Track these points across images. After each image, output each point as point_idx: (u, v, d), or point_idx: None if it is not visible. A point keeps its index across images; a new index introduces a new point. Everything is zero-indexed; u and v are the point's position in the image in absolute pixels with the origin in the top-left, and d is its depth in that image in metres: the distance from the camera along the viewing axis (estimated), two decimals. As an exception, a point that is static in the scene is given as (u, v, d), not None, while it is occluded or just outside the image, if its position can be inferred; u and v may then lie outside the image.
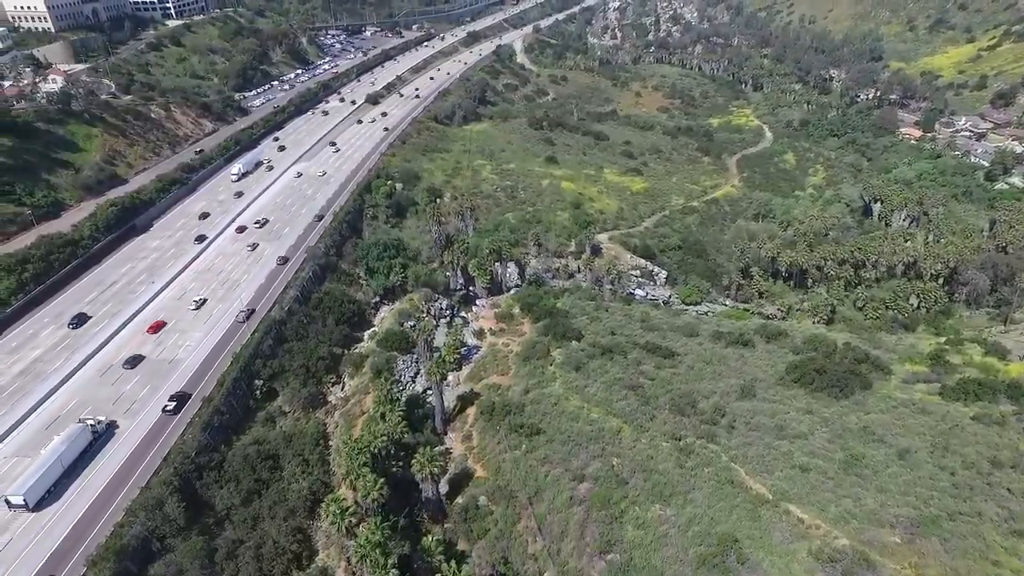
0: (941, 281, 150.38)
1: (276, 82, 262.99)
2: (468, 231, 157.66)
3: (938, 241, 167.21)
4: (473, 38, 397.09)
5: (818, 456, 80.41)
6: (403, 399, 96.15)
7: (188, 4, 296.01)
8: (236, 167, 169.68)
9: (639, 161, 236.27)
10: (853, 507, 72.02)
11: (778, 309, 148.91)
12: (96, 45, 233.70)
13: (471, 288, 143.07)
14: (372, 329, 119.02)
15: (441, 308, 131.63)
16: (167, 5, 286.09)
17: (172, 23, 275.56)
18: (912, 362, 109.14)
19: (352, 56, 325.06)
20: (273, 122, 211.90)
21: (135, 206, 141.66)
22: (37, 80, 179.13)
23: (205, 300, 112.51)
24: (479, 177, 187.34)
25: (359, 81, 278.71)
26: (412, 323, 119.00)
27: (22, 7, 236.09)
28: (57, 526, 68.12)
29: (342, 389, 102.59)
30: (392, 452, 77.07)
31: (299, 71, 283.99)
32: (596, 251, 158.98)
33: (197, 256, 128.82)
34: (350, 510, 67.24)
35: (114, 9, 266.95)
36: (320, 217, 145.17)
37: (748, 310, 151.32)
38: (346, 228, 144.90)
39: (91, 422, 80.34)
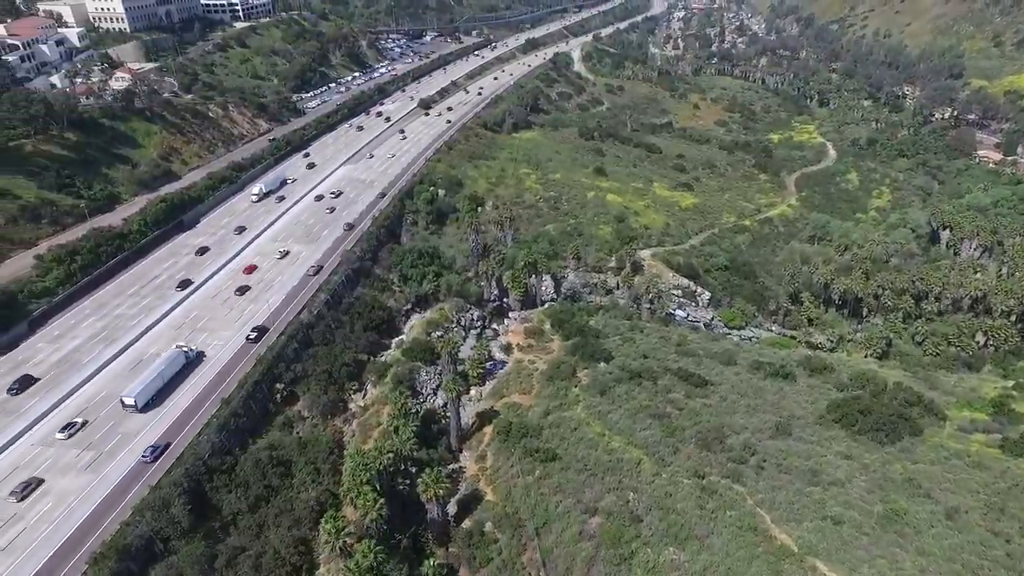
0: (1013, 319, 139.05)
1: (333, 84, 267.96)
2: (507, 241, 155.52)
3: (1012, 275, 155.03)
4: (531, 45, 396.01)
5: (854, 507, 74.16)
6: (421, 412, 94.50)
7: (256, 7, 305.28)
8: (257, 187, 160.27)
9: (691, 176, 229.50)
10: (888, 570, 65.80)
11: (827, 339, 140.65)
12: (167, 45, 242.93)
13: (505, 300, 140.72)
14: (400, 337, 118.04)
15: (472, 319, 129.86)
16: (236, 8, 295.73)
17: (239, 25, 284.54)
18: (971, 408, 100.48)
19: (410, 60, 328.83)
20: (325, 123, 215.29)
21: (184, 203, 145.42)
22: (107, 78, 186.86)
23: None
24: (523, 186, 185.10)
25: (414, 85, 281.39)
26: (440, 333, 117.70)
27: (102, 8, 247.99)
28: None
29: (363, 397, 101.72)
30: (400, 469, 75.24)
31: (357, 74, 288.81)
32: (637, 268, 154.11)
33: (236, 255, 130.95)
34: (346, 529, 65.67)
35: (186, 11, 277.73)
36: (352, 226, 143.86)
37: (795, 338, 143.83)
38: (384, 233, 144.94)
39: (185, 349, 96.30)
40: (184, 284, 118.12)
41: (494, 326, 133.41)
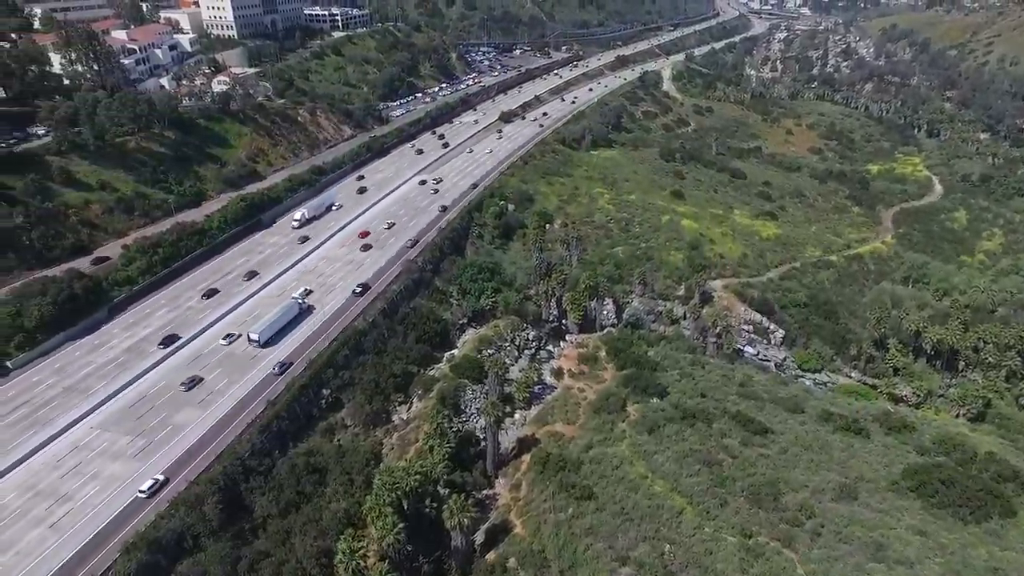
0: None
1: (420, 94, 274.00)
2: (572, 261, 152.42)
3: None
4: (620, 62, 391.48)
5: (922, 594, 66.14)
6: (460, 432, 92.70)
7: (354, 18, 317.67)
8: (296, 213, 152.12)
9: (776, 204, 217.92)
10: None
11: (913, 393, 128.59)
12: (268, 52, 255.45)
13: (563, 322, 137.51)
14: (452, 352, 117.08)
15: (527, 339, 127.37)
16: (336, 18, 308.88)
17: (337, 34, 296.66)
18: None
19: (496, 73, 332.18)
20: (406, 132, 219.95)
21: (263, 203, 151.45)
22: (209, 81, 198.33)
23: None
24: (595, 205, 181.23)
25: (497, 98, 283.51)
26: (491, 352, 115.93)
27: (214, 17, 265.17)
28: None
29: (408, 410, 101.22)
30: (429, 491, 73.55)
31: (443, 85, 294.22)
32: (707, 299, 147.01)
33: (304, 256, 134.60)
34: (361, 550, 64.45)
35: (290, 20, 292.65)
36: (416, 240, 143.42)
37: (875, 388, 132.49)
38: (449, 245, 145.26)
39: (299, 300, 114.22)
40: (250, 275, 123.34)
41: (549, 347, 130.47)
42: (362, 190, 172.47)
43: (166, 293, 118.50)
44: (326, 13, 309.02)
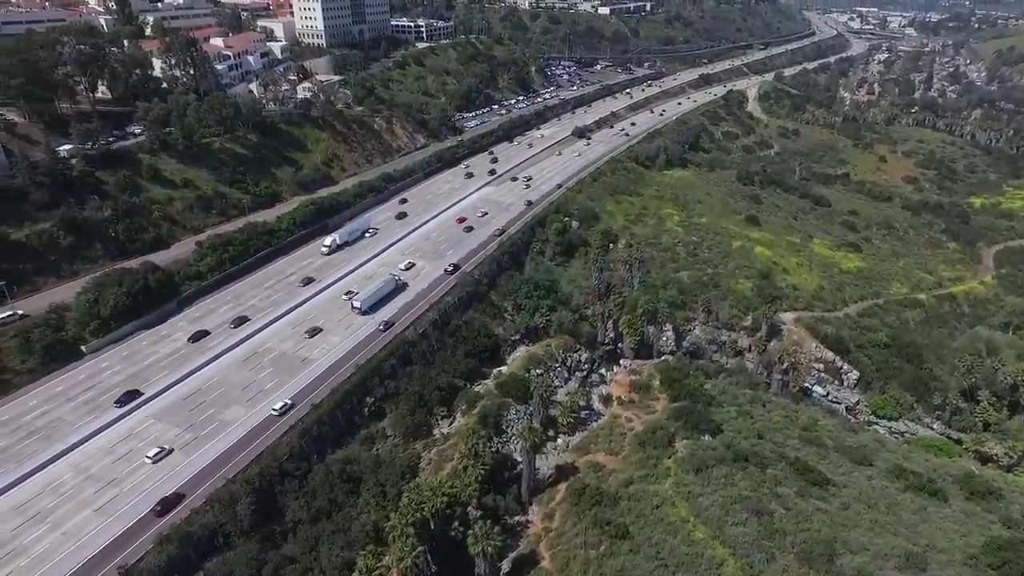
0: None
1: (496, 106, 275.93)
2: (633, 283, 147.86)
3: None
4: (704, 80, 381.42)
5: None
6: (497, 452, 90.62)
7: (438, 29, 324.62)
8: (327, 239, 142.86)
9: (861, 235, 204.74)
10: None
11: (1005, 453, 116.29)
12: (354, 60, 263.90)
13: (619, 346, 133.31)
14: (501, 368, 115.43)
15: (579, 361, 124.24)
16: (420, 30, 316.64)
17: (421, 45, 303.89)
18: None
19: (575, 88, 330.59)
20: (479, 144, 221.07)
21: (331, 207, 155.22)
22: (294, 87, 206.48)
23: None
24: (662, 227, 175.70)
25: (574, 113, 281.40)
26: (540, 371, 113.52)
27: (306, 26, 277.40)
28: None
29: (450, 425, 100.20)
30: (456, 513, 71.80)
31: (520, 97, 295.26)
32: (775, 332, 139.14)
33: (367, 261, 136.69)
34: (377, 570, 63.32)
35: (377, 31, 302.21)
36: (474, 252, 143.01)
37: (960, 443, 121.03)
38: (508, 259, 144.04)
39: (396, 276, 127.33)
40: (306, 281, 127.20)
41: (602, 371, 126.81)
42: (367, 232, 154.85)
43: (232, 290, 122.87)
44: (412, 24, 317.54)
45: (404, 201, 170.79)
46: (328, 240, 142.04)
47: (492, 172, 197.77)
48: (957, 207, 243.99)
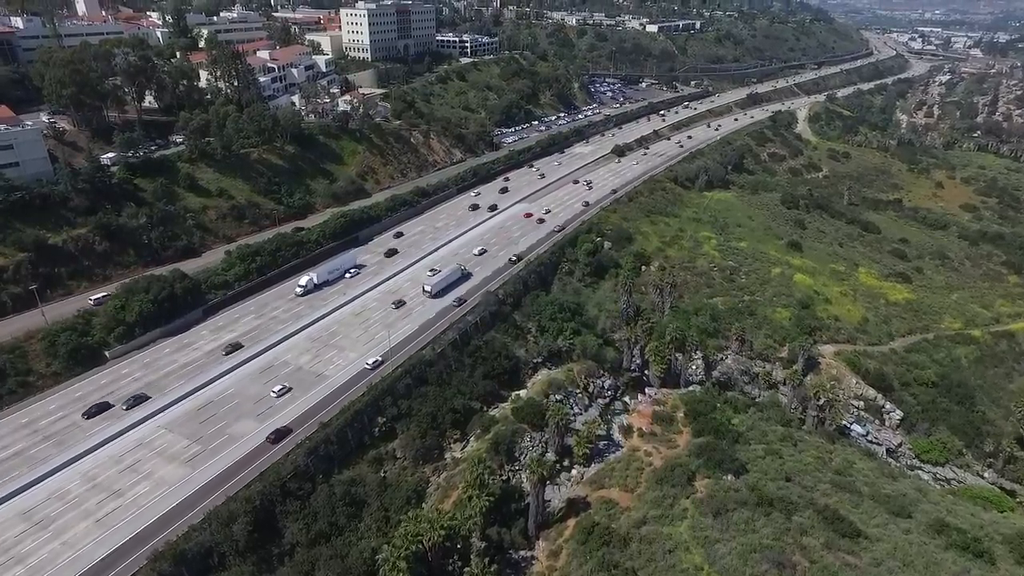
0: None
1: (536, 122, 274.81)
2: (664, 308, 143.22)
3: None
4: (752, 100, 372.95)
5: None
6: (507, 481, 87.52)
7: (482, 45, 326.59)
8: (303, 279, 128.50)
9: (912, 265, 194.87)
10: None
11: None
12: (397, 74, 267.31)
13: (645, 373, 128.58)
14: (519, 392, 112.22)
15: (602, 387, 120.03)
16: (465, 45, 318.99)
17: (464, 60, 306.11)
18: None
19: (618, 105, 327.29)
20: (515, 160, 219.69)
21: (362, 220, 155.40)
22: (335, 99, 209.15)
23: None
24: (699, 250, 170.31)
25: (614, 130, 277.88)
26: (559, 397, 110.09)
27: (353, 40, 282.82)
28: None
29: (462, 449, 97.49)
30: (456, 547, 68.93)
31: (561, 114, 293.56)
32: (812, 365, 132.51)
33: (391, 277, 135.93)
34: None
35: (422, 46, 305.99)
36: (499, 272, 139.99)
37: (1014, 495, 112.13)
38: (535, 279, 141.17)
39: (463, 266, 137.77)
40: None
41: (625, 399, 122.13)
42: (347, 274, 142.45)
43: (256, 300, 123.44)
44: (456, 40, 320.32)
45: (393, 252, 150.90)
46: (304, 279, 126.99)
47: (508, 192, 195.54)
48: (1020, 238, 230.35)
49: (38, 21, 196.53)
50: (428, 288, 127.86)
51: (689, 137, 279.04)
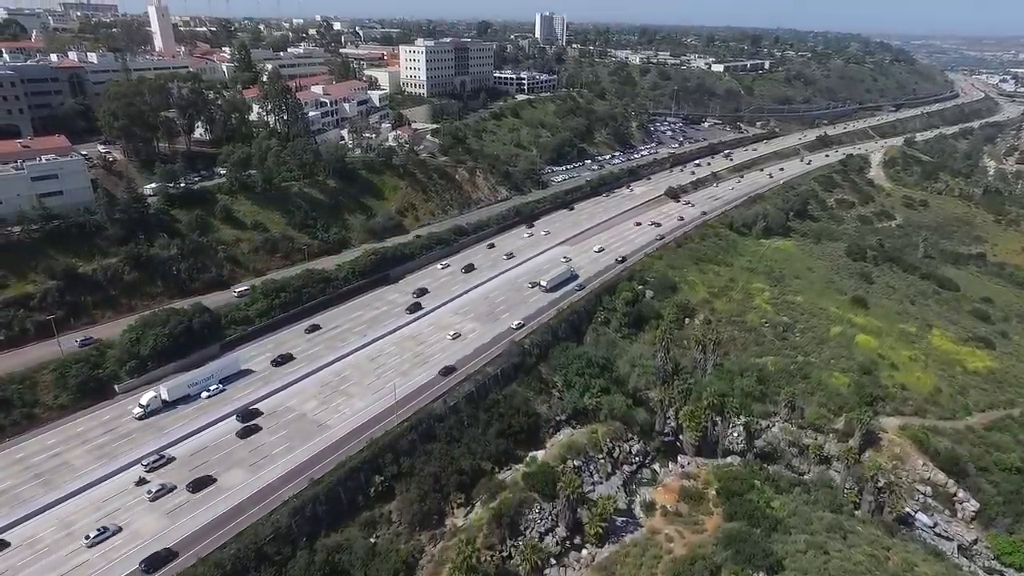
0: None
1: (589, 160, 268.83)
2: (706, 366, 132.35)
3: None
4: (822, 142, 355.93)
5: None
6: (502, 561, 78.85)
7: (540, 82, 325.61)
8: (144, 397, 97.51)
9: (995, 328, 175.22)
10: None
11: None
12: (451, 110, 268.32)
13: (680, 438, 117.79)
14: (537, 452, 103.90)
15: (629, 452, 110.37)
16: (522, 82, 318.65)
17: (520, 97, 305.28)
18: None
19: (677, 145, 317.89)
20: (561, 200, 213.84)
21: (395, 257, 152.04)
22: (377, 135, 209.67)
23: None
24: (749, 303, 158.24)
25: (671, 171, 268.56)
26: (579, 463, 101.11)
27: (410, 76, 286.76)
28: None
29: (466, 515, 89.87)
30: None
31: (616, 153, 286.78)
32: (872, 441, 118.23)
33: (410, 322, 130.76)
34: None
35: (478, 82, 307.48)
36: (524, 322, 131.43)
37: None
38: (565, 328, 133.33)
39: (572, 265, 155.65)
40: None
41: (655, 466, 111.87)
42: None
43: (274, 338, 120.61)
44: (513, 76, 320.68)
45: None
46: (145, 399, 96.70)
47: (569, 229, 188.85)
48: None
49: (111, 56, 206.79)
50: (544, 283, 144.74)
51: (750, 180, 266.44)
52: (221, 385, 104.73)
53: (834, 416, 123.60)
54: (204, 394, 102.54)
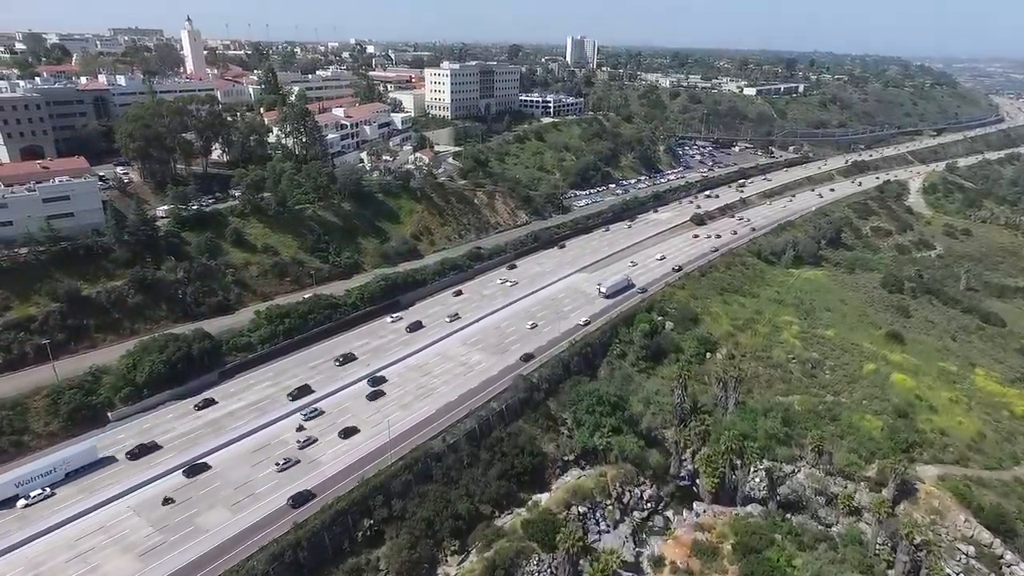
0: None
1: (613, 184, 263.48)
2: (727, 405, 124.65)
3: None
4: (858, 168, 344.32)
5: None
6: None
7: (566, 106, 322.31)
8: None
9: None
10: None
11: None
12: (475, 133, 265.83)
13: (696, 483, 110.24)
14: (540, 496, 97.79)
15: (640, 498, 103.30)
16: (548, 105, 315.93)
17: (546, 120, 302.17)
18: None
19: (706, 169, 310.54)
20: (582, 225, 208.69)
21: (406, 283, 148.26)
22: (394, 158, 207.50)
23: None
24: (776, 337, 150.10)
25: (697, 196, 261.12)
26: (585, 508, 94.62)
27: (435, 99, 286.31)
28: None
29: (459, 564, 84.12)
30: None
31: (642, 177, 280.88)
32: (908, 492, 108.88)
33: (422, 348, 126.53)
34: None
35: (503, 105, 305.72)
36: (531, 356, 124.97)
37: None
38: (578, 361, 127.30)
39: (630, 276, 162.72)
40: (345, 358, 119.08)
41: (668, 513, 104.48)
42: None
43: (275, 366, 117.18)
44: (539, 100, 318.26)
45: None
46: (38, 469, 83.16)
47: (589, 255, 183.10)
48: None
49: (139, 79, 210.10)
50: (603, 290, 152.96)
51: (780, 206, 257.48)
52: (50, 490, 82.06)
53: (866, 463, 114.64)
54: (21, 502, 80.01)
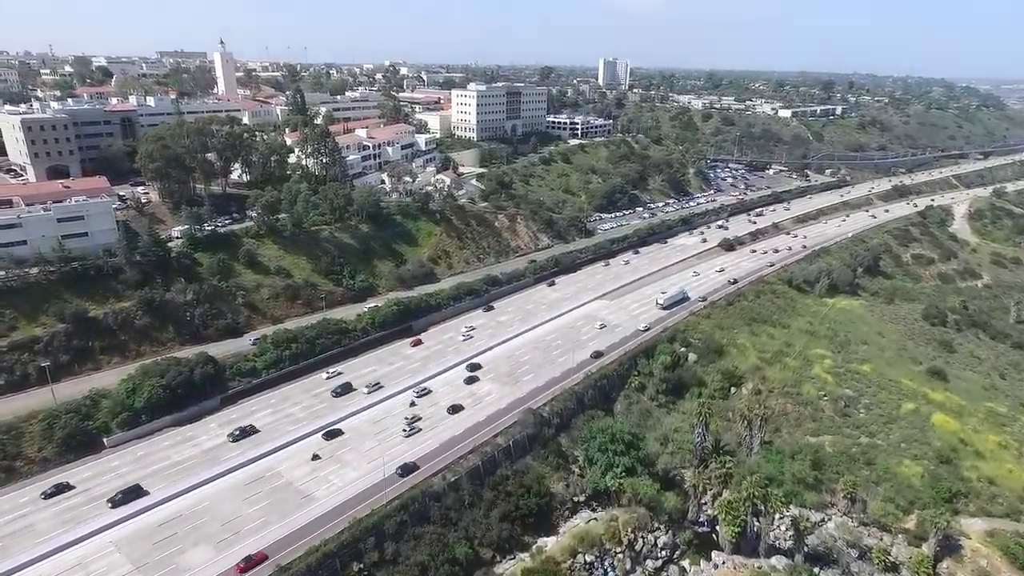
0: None
1: (641, 208, 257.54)
2: (751, 445, 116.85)
3: None
4: (898, 192, 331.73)
5: None
6: None
7: (594, 127, 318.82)
8: None
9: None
10: None
11: None
12: (500, 154, 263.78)
13: (716, 531, 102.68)
14: (545, 540, 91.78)
15: (654, 545, 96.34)
16: (575, 126, 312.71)
17: (573, 142, 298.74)
18: None
19: (737, 193, 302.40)
20: (606, 249, 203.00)
21: (419, 308, 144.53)
22: (414, 179, 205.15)
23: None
24: (807, 372, 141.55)
25: (728, 221, 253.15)
26: (592, 557, 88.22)
27: (461, 119, 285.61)
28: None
29: (453, 615, 78.45)
30: None
31: (670, 201, 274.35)
32: (951, 547, 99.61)
33: (430, 376, 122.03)
34: None
35: (530, 126, 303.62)
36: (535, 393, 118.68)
37: None
38: (594, 394, 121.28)
39: (685, 288, 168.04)
40: (342, 390, 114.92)
41: (684, 563, 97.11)
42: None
43: (277, 393, 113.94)
44: (566, 121, 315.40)
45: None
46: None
47: (610, 282, 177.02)
48: None
49: (168, 100, 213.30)
50: (661, 301, 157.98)
51: (815, 232, 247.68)
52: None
53: (904, 513, 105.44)
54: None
